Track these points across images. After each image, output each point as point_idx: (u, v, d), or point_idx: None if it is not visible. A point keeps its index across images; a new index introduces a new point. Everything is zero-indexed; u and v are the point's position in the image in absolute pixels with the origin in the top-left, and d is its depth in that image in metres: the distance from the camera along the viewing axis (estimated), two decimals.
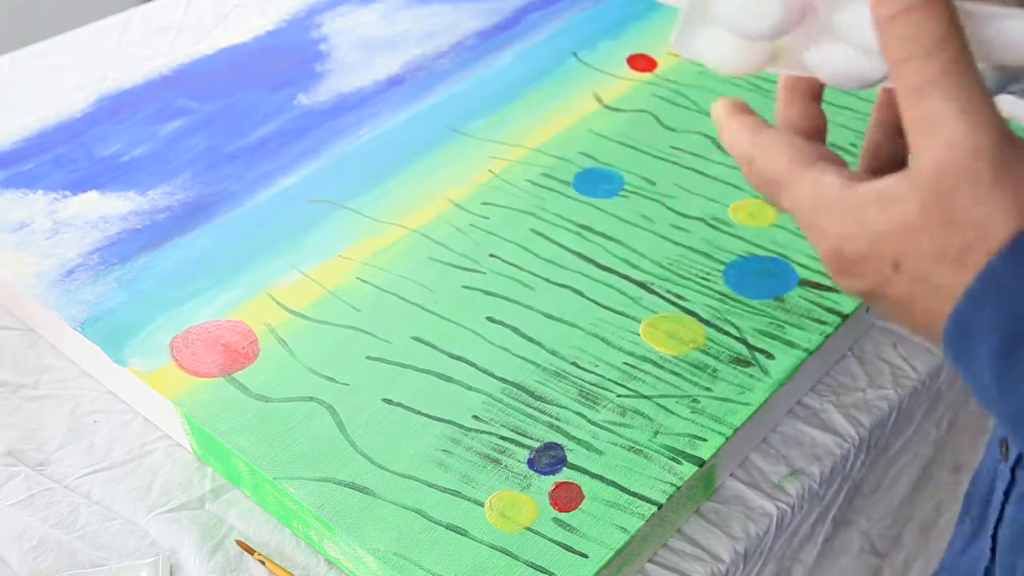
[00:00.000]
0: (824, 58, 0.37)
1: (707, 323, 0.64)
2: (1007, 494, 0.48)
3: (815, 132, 0.40)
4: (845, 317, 0.64)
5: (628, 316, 0.65)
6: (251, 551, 0.56)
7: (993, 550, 0.49)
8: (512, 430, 0.58)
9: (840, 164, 0.37)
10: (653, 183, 0.75)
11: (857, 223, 0.34)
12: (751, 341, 0.63)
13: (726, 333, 0.63)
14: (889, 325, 0.70)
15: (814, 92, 0.41)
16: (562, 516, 0.54)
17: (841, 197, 0.35)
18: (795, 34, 0.37)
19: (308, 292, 0.66)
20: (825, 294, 0.65)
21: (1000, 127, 0.32)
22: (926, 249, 0.32)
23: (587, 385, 0.60)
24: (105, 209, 0.73)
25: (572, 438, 0.58)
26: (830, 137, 0.42)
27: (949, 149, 0.31)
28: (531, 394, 0.60)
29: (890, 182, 0.34)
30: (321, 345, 0.63)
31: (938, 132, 0.32)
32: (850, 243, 0.35)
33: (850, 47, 0.36)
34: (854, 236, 0.34)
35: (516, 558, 0.52)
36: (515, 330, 0.64)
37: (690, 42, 0.40)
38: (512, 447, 0.57)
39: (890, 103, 0.40)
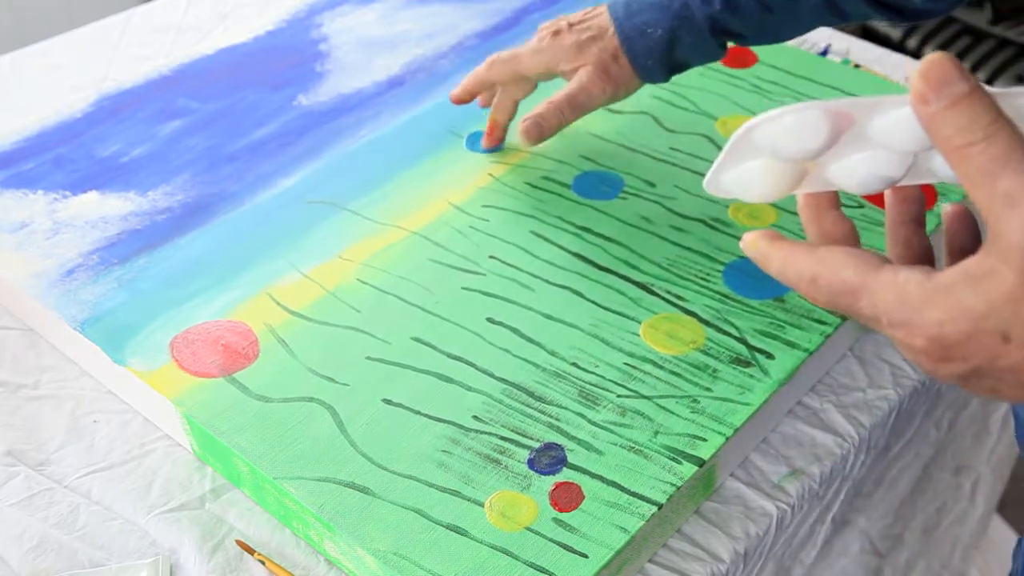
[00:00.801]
0: (850, 169, 0.39)
1: (707, 323, 0.64)
2: None
3: (851, 236, 0.42)
4: (845, 317, 0.64)
5: (628, 317, 0.65)
6: (251, 551, 0.56)
7: None
8: (512, 430, 0.58)
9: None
10: (653, 184, 0.75)
11: (954, 307, 0.35)
12: (751, 341, 0.63)
13: (726, 333, 0.63)
14: None
15: (834, 202, 0.42)
16: (562, 516, 0.54)
17: (928, 288, 0.36)
18: (826, 152, 0.39)
19: (308, 293, 0.66)
20: None
21: None
22: None
23: (587, 385, 0.60)
24: (105, 209, 0.73)
25: (572, 438, 0.58)
26: None
27: None
28: (531, 394, 0.60)
29: (975, 261, 0.35)
30: (321, 345, 0.63)
31: (1021, 203, 0.33)
32: (951, 327, 0.35)
33: (880, 151, 0.38)
34: (954, 320, 0.35)
35: (516, 558, 0.52)
36: (515, 331, 0.64)
37: (721, 181, 0.42)
38: (512, 447, 0.57)
39: (906, 199, 0.42)
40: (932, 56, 0.34)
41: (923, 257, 0.43)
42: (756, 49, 0.88)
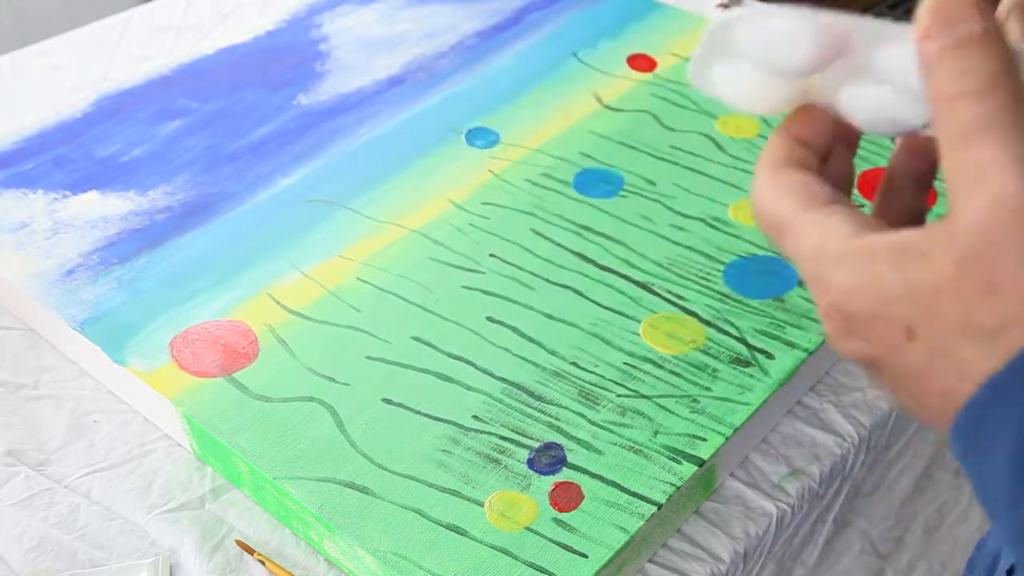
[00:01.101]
0: (860, 99, 0.34)
1: (707, 323, 0.64)
2: (1010, 572, 0.45)
3: (844, 181, 0.36)
4: None
5: (628, 316, 0.65)
6: (251, 551, 0.56)
7: None
8: (512, 430, 0.58)
9: (853, 208, 0.32)
10: (653, 183, 0.75)
11: (866, 277, 0.30)
12: (751, 341, 0.63)
13: (726, 333, 0.63)
14: None
15: (849, 138, 0.36)
16: (562, 516, 0.54)
17: (848, 246, 0.30)
18: (829, 73, 0.34)
19: (308, 292, 0.66)
20: None
21: None
22: (954, 317, 0.28)
23: (587, 385, 0.60)
24: (105, 209, 0.73)
25: (572, 438, 0.58)
26: None
27: (999, 201, 0.27)
28: (531, 394, 0.60)
29: (914, 235, 0.29)
30: (321, 345, 0.63)
31: (988, 181, 0.27)
32: (856, 299, 0.30)
33: (889, 89, 0.33)
34: (861, 292, 0.30)
35: (516, 558, 0.52)
36: (515, 330, 0.64)
37: (709, 77, 0.36)
38: (512, 447, 0.57)
39: (924, 152, 0.36)
40: None
41: (905, 219, 0.36)
42: None
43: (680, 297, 0.66)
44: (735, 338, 0.63)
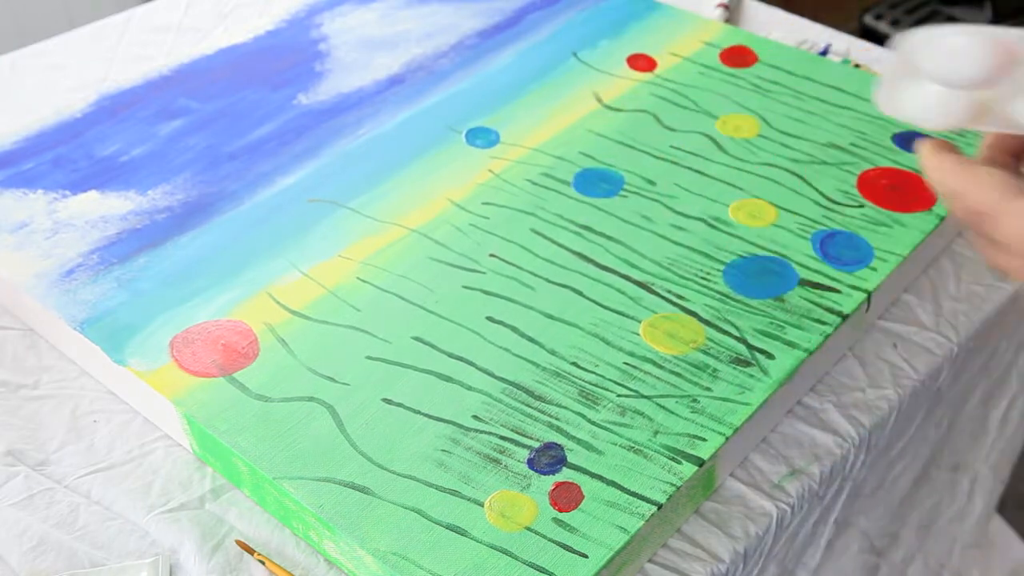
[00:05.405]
0: None
1: (707, 323, 0.64)
2: None
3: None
4: (845, 317, 0.64)
5: (628, 316, 0.65)
6: (251, 551, 0.56)
7: None
8: (512, 430, 0.58)
9: None
10: (653, 183, 0.75)
11: None
12: (751, 341, 0.63)
13: (726, 333, 0.63)
14: (889, 325, 0.70)
15: (1016, 150, 0.42)
16: (562, 516, 0.54)
17: None
18: (1002, 87, 0.38)
19: (308, 292, 0.66)
20: (825, 294, 0.65)
21: None
22: None
23: (587, 385, 0.60)
24: (105, 209, 0.73)
25: (572, 438, 0.58)
26: (829, 137, 0.42)
27: None
28: (531, 394, 0.60)
29: None
30: (321, 345, 0.63)
31: None
32: None
33: None
34: None
35: (516, 558, 0.52)
36: (515, 330, 0.64)
37: (893, 100, 0.41)
38: (512, 447, 0.57)
39: None
40: None
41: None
42: (756, 49, 0.88)
43: (680, 297, 0.66)
44: (735, 338, 0.63)
